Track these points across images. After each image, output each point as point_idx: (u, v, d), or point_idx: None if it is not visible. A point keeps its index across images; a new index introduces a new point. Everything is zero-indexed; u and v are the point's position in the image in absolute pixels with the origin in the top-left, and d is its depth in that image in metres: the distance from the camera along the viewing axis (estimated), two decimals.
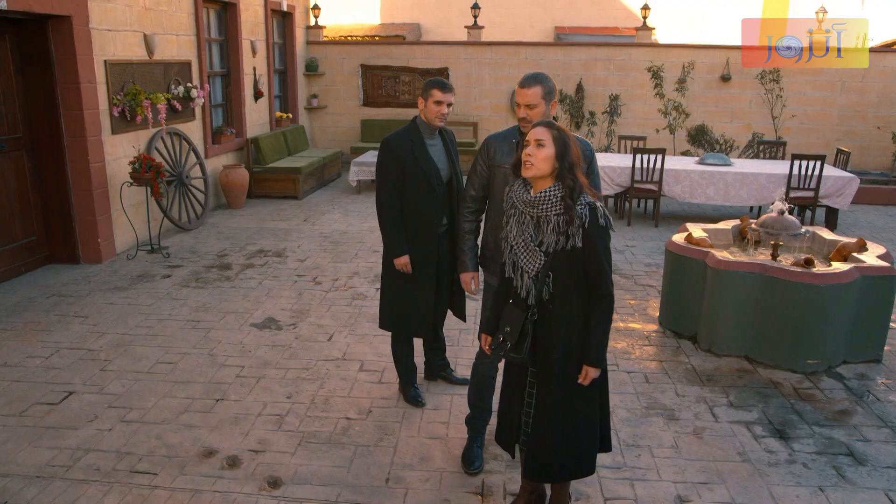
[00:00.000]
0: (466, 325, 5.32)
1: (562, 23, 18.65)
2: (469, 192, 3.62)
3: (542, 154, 2.72)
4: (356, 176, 10.63)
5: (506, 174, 3.30)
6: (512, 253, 2.84)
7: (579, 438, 2.93)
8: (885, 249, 5.37)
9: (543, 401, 2.90)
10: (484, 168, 3.51)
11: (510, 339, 2.86)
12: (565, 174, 2.72)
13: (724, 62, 12.35)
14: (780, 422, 4.22)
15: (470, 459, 3.65)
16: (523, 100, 3.31)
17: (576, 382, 2.85)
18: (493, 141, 3.49)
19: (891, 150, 12.03)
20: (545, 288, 2.78)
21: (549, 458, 2.94)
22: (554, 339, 2.82)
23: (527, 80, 3.32)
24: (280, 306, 5.92)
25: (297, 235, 8.27)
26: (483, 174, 3.53)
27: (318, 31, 13.31)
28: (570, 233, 2.70)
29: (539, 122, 2.85)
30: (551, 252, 2.74)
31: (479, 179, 3.55)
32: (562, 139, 2.73)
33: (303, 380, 4.61)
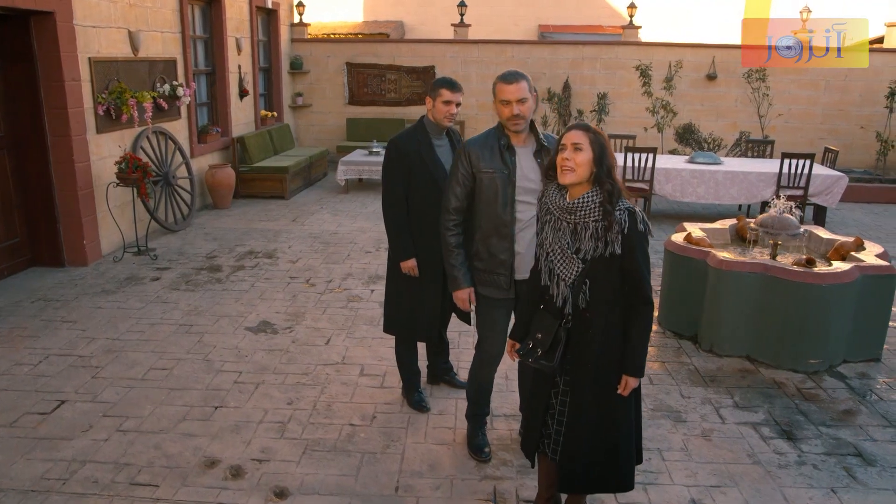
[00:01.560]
0: (467, 328, 5.25)
1: (546, 21, 18.64)
2: (451, 204, 3.38)
3: (580, 158, 2.63)
4: (344, 175, 10.51)
5: (492, 179, 3.23)
6: (548, 260, 2.75)
7: (618, 450, 2.84)
8: (882, 248, 5.38)
9: (577, 410, 2.82)
10: (467, 175, 3.31)
11: (541, 347, 2.78)
12: (603, 178, 2.64)
13: (710, 61, 12.40)
14: (787, 422, 4.20)
15: (479, 447, 3.72)
16: (514, 95, 3.15)
17: (613, 392, 2.76)
18: (473, 147, 3.30)
19: (874, 148, 12.15)
20: (582, 296, 2.70)
21: (584, 469, 2.85)
22: (590, 348, 2.73)
23: (511, 76, 3.20)
24: (274, 309, 5.81)
25: (286, 236, 8.15)
26: (467, 182, 3.32)
27: (302, 28, 13.16)
28: (609, 239, 2.62)
29: (574, 124, 2.74)
30: (589, 259, 2.66)
31: (463, 189, 3.34)
32: (599, 142, 2.65)
33: (303, 385, 4.51)
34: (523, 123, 3.23)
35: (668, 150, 11.93)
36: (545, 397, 2.92)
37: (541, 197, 2.85)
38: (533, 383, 3.04)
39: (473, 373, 3.69)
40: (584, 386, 2.79)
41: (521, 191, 3.25)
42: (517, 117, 3.18)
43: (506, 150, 3.25)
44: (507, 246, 3.30)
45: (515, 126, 3.21)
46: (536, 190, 3.18)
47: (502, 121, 3.26)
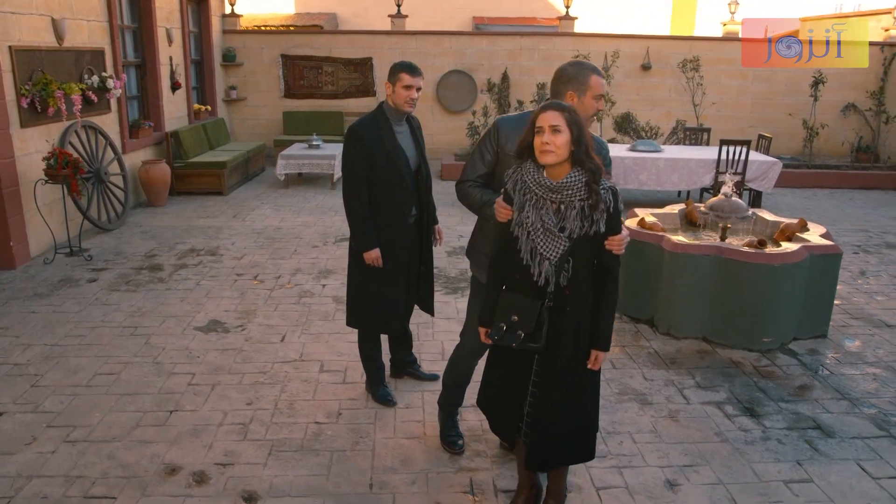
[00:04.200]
0: (427, 319, 5.18)
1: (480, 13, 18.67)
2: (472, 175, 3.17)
3: (559, 140, 2.59)
4: (284, 170, 10.23)
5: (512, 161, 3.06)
6: (529, 240, 2.70)
7: (588, 422, 2.92)
8: (825, 229, 5.55)
9: (551, 388, 2.81)
10: (493, 154, 3.13)
11: (523, 329, 2.72)
12: (583, 158, 2.62)
13: (645, 52, 12.62)
14: (748, 400, 4.27)
15: (451, 440, 3.63)
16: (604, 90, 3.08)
17: (584, 367, 2.81)
18: (505, 127, 3.10)
19: (801, 135, 12.61)
20: (564, 274, 2.68)
21: (557, 446, 2.88)
22: (568, 325, 2.74)
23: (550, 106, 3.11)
24: (223, 307, 5.58)
25: (228, 233, 7.87)
26: (490, 162, 3.15)
27: (234, 19, 12.75)
28: (595, 218, 2.62)
29: (549, 104, 2.68)
30: (574, 238, 2.64)
31: (486, 167, 3.16)
32: (576, 121, 2.62)
33: (261, 384, 4.33)
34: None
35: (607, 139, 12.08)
36: (524, 381, 2.87)
37: (514, 175, 2.77)
38: (508, 369, 2.96)
39: (454, 361, 3.58)
40: (561, 364, 2.79)
41: None
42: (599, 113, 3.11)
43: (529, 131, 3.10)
44: None
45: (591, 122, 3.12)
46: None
47: (585, 117, 3.00)
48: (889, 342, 5.21)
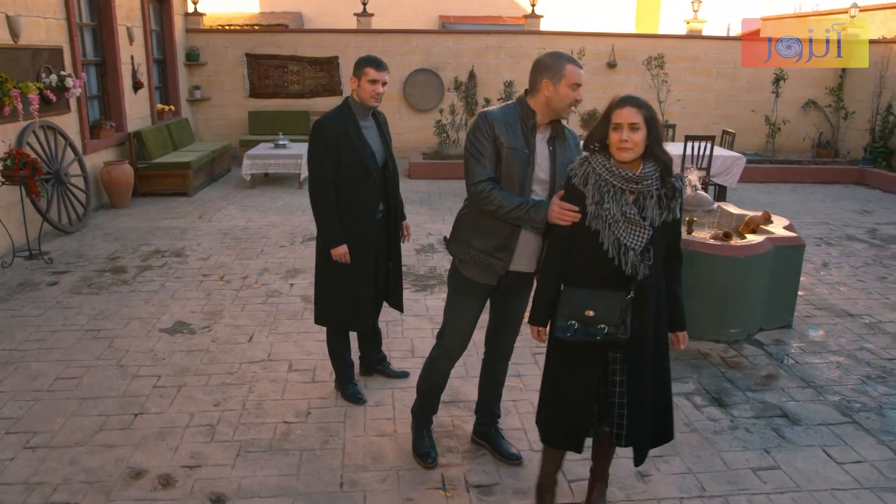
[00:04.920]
0: (396, 317, 5.14)
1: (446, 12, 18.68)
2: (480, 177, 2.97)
3: (637, 137, 2.61)
4: (249, 170, 10.11)
5: (511, 156, 2.95)
6: (611, 231, 2.67)
7: (670, 402, 3.04)
8: (788, 221, 5.64)
9: (640, 376, 2.83)
10: (492, 149, 2.97)
11: (607, 322, 2.71)
12: (657, 151, 2.67)
13: (611, 49, 12.73)
14: (716, 390, 4.32)
15: (424, 452, 3.49)
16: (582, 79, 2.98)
17: (664, 350, 2.91)
18: (495, 119, 2.99)
19: (763, 131, 12.82)
20: (646, 263, 2.71)
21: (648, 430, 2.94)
22: (650, 312, 2.78)
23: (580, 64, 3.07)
24: (189, 309, 5.49)
25: (193, 233, 7.74)
26: (492, 156, 2.98)
27: (197, 18, 12.57)
28: (672, 206, 2.71)
29: (626, 99, 2.65)
30: (655, 226, 2.69)
31: (492, 162, 2.98)
32: (652, 117, 2.65)
33: (229, 385, 4.26)
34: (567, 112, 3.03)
35: None
36: (595, 378, 2.86)
37: (583, 169, 2.73)
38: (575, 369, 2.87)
39: (430, 365, 3.45)
40: (649, 352, 2.83)
41: (534, 179, 3.02)
42: (577, 104, 3.04)
43: (528, 128, 3.01)
44: (512, 229, 3.05)
45: (570, 112, 3.04)
46: (545, 179, 3.04)
47: (561, 107, 2.96)
48: (851, 331, 5.31)
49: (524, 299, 3.37)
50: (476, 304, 3.27)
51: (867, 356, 4.87)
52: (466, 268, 3.17)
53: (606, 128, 2.68)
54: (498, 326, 3.44)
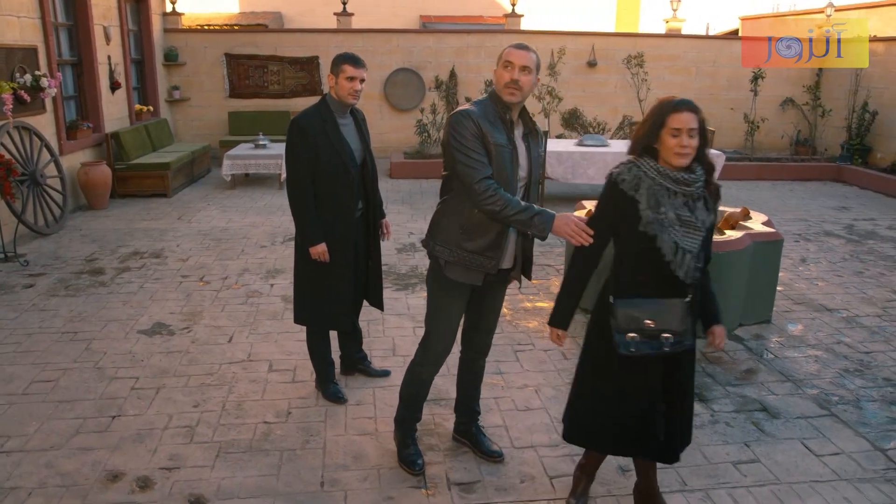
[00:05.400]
0: (377, 316, 5.12)
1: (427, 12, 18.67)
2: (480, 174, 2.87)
3: (695, 143, 2.60)
4: (230, 170, 10.04)
5: (499, 152, 2.90)
6: (669, 235, 2.62)
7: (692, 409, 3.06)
8: (766, 217, 5.69)
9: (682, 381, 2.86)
10: (482, 147, 2.90)
11: (671, 330, 2.67)
12: (705, 153, 2.69)
13: (591, 48, 12.78)
14: (697, 385, 4.33)
15: (411, 460, 3.41)
16: (520, 60, 2.86)
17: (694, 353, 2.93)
18: (476, 115, 2.91)
19: (742, 129, 12.93)
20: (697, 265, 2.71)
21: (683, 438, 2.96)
22: (695, 315, 2.79)
23: (522, 44, 2.95)
24: (168, 310, 5.43)
25: (173, 234, 7.67)
26: (481, 149, 2.90)
27: (176, 18, 12.46)
28: (715, 208, 2.76)
29: (682, 103, 2.60)
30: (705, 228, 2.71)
31: (483, 155, 2.89)
32: (703, 121, 2.65)
33: (208, 386, 4.22)
34: (519, 95, 2.91)
35: (555, 135, 12.20)
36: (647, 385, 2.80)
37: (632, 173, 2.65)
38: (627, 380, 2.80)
39: (413, 373, 3.38)
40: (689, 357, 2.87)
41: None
42: (514, 83, 2.87)
43: (507, 124, 2.97)
44: (504, 228, 2.99)
45: (510, 95, 2.90)
46: (523, 176, 3.02)
47: (499, 88, 2.93)
48: (829, 325, 5.36)
49: (501, 295, 3.37)
50: (460, 306, 3.23)
51: (845, 350, 4.92)
52: (451, 269, 3.10)
53: (658, 131, 2.61)
54: (475, 324, 3.40)
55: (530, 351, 4.77)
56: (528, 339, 4.97)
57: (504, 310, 5.33)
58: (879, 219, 8.96)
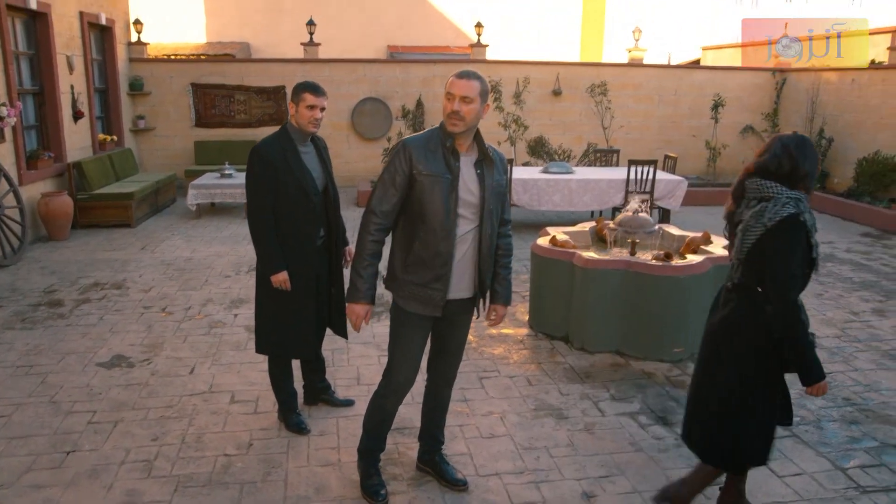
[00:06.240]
0: (341, 345, 5.08)
1: (394, 42, 18.83)
2: (380, 206, 3.00)
3: None
4: (195, 199, 9.95)
5: (433, 183, 2.92)
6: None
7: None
8: (727, 241, 5.77)
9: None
10: (405, 176, 2.95)
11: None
12: None
13: (555, 77, 12.98)
14: (661, 409, 4.36)
15: (374, 491, 3.35)
16: (460, 91, 2.86)
17: None
18: (413, 146, 2.96)
19: (704, 156, 13.19)
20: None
21: None
22: None
23: (465, 73, 2.93)
24: (128, 342, 5.33)
25: (136, 265, 7.56)
26: (402, 184, 2.96)
27: (141, 47, 12.40)
28: None
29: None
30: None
31: (397, 191, 2.97)
32: None
33: (168, 419, 4.13)
34: (461, 125, 2.91)
35: (521, 163, 12.32)
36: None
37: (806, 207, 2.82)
38: (769, 377, 2.99)
39: (376, 402, 3.33)
40: None
41: (461, 202, 2.99)
42: (455, 114, 2.88)
43: (449, 153, 2.96)
44: (445, 258, 2.99)
45: (453, 126, 2.91)
46: (475, 204, 3.01)
47: (444, 117, 2.97)
48: None
49: (465, 325, 3.33)
50: (421, 336, 3.21)
51: None
52: (407, 303, 3.10)
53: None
54: (439, 354, 3.38)
55: (496, 378, 4.75)
56: (494, 365, 4.96)
57: (470, 337, 5.32)
58: (838, 242, 9.16)
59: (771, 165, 2.81)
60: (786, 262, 2.74)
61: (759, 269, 2.82)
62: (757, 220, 2.77)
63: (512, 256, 3.31)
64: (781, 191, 2.77)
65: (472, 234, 3.06)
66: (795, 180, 2.80)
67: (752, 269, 2.86)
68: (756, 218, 2.78)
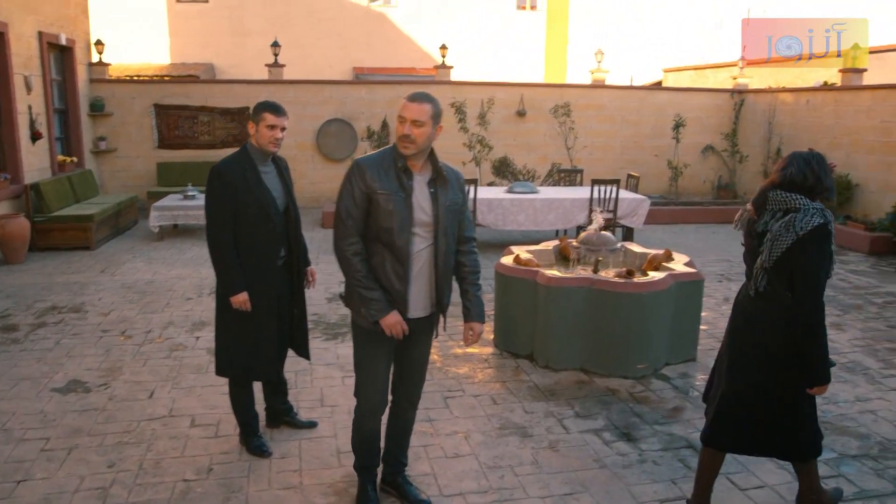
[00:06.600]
0: (304, 365, 5.03)
1: (360, 63, 18.92)
2: (348, 228, 3.01)
3: None
4: (157, 221, 9.81)
5: (388, 201, 2.94)
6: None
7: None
8: (688, 258, 5.87)
9: None
10: (362, 194, 2.98)
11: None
12: None
13: (519, 98, 13.12)
14: (625, 425, 4.38)
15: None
16: (410, 114, 2.91)
17: None
18: (366, 165, 3.00)
19: (667, 175, 13.41)
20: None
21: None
22: None
23: (417, 95, 2.97)
24: (85, 366, 5.21)
25: (95, 288, 7.40)
26: (363, 203, 2.98)
27: (102, 68, 12.25)
28: None
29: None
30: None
31: (359, 210, 2.99)
32: None
33: (125, 444, 4.03)
34: (413, 148, 2.95)
35: (486, 183, 12.39)
36: None
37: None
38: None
39: (355, 425, 3.38)
40: None
41: (415, 221, 3.00)
42: (406, 138, 2.92)
43: (402, 172, 3.00)
44: (401, 276, 3.03)
45: (404, 148, 2.95)
46: (428, 222, 3.03)
47: (398, 140, 3.00)
48: None
49: (425, 345, 3.32)
50: (384, 354, 3.20)
51: None
52: (368, 323, 3.10)
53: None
54: (402, 374, 3.37)
55: (460, 397, 4.74)
56: (459, 385, 4.95)
57: (434, 356, 5.31)
58: None
59: (797, 179, 2.99)
60: (817, 268, 2.94)
61: (786, 275, 2.99)
62: (787, 230, 2.93)
63: (479, 273, 3.30)
64: (807, 202, 2.96)
65: (427, 251, 3.07)
66: (817, 193, 3.01)
67: (779, 276, 3.01)
68: (786, 228, 2.94)
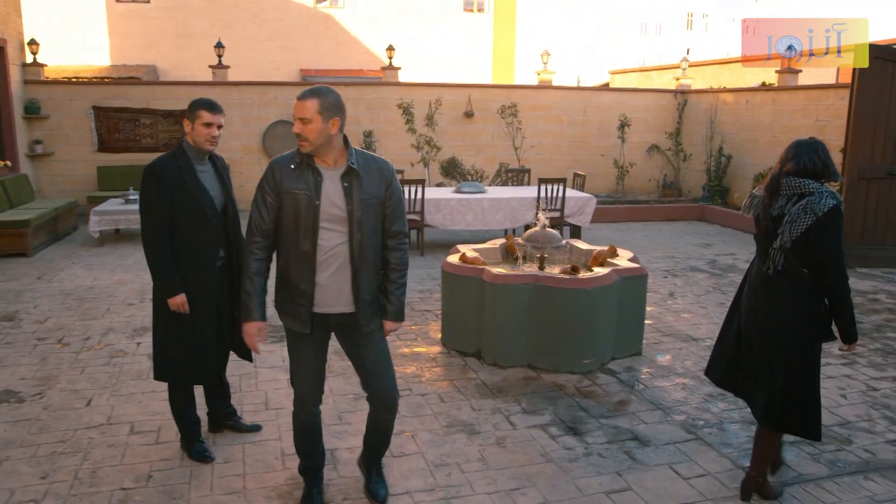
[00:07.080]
0: (248, 369, 4.94)
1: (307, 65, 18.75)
2: (261, 225, 3.06)
3: None
4: (98, 226, 9.53)
5: (296, 200, 2.97)
6: None
7: None
8: (632, 254, 5.95)
9: None
10: (272, 194, 3.02)
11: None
12: None
13: (467, 99, 13.16)
14: (571, 420, 4.42)
15: None
16: (297, 112, 2.92)
17: None
18: (278, 164, 3.05)
19: (613, 174, 13.61)
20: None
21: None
22: None
23: (304, 93, 2.96)
24: (18, 375, 5.01)
25: (31, 296, 7.15)
26: (272, 202, 3.03)
27: (37, 69, 11.86)
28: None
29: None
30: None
31: (269, 210, 3.05)
32: None
33: (60, 454, 3.89)
34: (307, 145, 2.94)
35: (435, 184, 12.40)
36: None
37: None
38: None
39: (293, 416, 3.36)
40: None
41: (326, 216, 2.99)
42: (298, 136, 2.93)
43: (307, 169, 3.00)
44: (307, 275, 3.03)
45: (301, 146, 2.97)
46: (342, 217, 3.00)
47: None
48: (695, 354, 5.62)
49: (370, 340, 3.24)
50: (310, 350, 3.19)
51: None
52: (284, 319, 3.19)
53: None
54: (360, 372, 3.33)
55: (407, 396, 4.71)
56: (406, 384, 4.91)
57: None
58: (739, 253, 9.59)
59: (808, 166, 3.26)
60: (837, 242, 3.22)
61: (805, 254, 3.25)
62: (805, 212, 3.19)
63: (405, 271, 3.25)
64: (818, 186, 3.24)
65: (342, 247, 3.03)
66: (824, 177, 3.28)
67: (798, 254, 3.26)
68: (804, 210, 3.19)
